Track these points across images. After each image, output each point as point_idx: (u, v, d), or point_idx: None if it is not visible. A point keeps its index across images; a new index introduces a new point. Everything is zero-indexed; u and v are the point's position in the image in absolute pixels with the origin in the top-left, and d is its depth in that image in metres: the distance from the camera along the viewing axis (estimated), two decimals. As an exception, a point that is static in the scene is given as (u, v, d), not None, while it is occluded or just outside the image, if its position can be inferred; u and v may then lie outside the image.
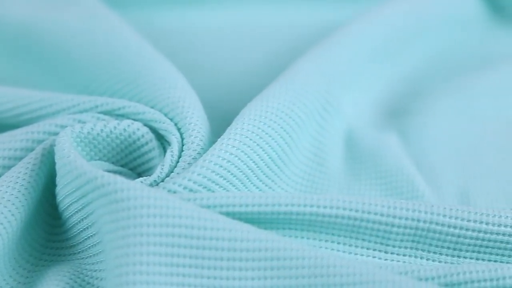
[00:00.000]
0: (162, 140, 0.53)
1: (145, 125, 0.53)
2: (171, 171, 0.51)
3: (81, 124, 0.52)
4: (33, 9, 0.65)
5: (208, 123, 0.54)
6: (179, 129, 0.52)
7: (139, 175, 0.54)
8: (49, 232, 0.52)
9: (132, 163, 0.54)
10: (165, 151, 0.53)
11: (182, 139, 0.52)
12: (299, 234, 0.49)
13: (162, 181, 0.50)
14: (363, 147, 0.59)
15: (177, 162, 0.51)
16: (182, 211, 0.45)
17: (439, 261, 0.49)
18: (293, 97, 0.55)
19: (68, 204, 0.49)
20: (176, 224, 0.44)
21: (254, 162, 0.51)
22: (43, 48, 0.62)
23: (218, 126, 0.54)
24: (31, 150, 0.52)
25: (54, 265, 0.50)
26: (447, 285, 0.46)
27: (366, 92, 0.64)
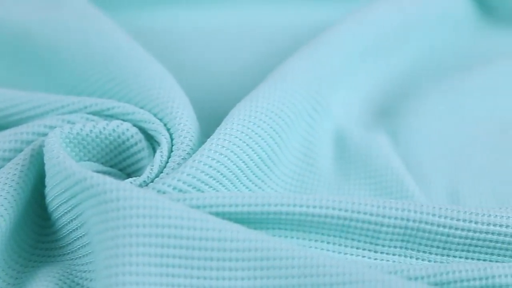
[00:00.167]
0: (151, 141, 0.53)
1: (135, 125, 0.53)
2: (161, 172, 0.50)
3: (70, 125, 0.52)
4: (23, 10, 0.65)
5: (198, 123, 0.54)
6: (168, 130, 0.52)
7: (129, 176, 0.53)
8: (39, 233, 0.51)
9: (121, 163, 0.54)
10: (154, 152, 0.53)
11: (172, 139, 0.52)
12: (289, 234, 0.49)
13: (151, 182, 0.50)
14: (353, 147, 0.59)
15: (167, 162, 0.51)
16: (171, 211, 0.45)
17: (429, 260, 0.49)
18: (283, 97, 0.55)
19: (58, 205, 0.49)
20: (165, 224, 0.44)
21: (243, 162, 0.51)
22: (32, 49, 0.62)
23: (208, 126, 0.54)
24: (20, 151, 0.52)
25: (43, 266, 0.50)
26: (436, 284, 0.46)
27: (356, 92, 0.64)
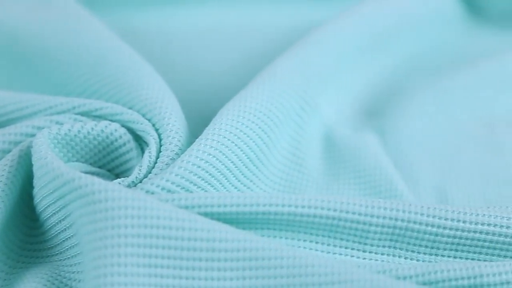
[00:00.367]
0: (140, 141, 0.53)
1: (123, 126, 0.53)
2: (149, 172, 0.50)
3: (59, 126, 0.52)
4: (12, 11, 0.64)
5: (186, 123, 0.54)
6: (157, 130, 0.52)
7: (117, 176, 0.53)
8: (27, 234, 0.51)
9: (110, 164, 0.53)
10: (143, 152, 0.53)
11: (160, 139, 0.52)
12: (278, 234, 0.49)
13: (140, 182, 0.50)
14: (341, 146, 0.59)
15: (155, 163, 0.51)
16: (160, 212, 0.45)
17: (417, 260, 0.49)
18: (271, 97, 0.55)
19: (46, 206, 0.49)
20: (154, 225, 0.44)
21: (232, 162, 0.51)
22: (21, 49, 0.62)
23: (196, 127, 0.54)
24: (8, 151, 0.52)
25: (32, 267, 0.50)
26: (425, 284, 0.46)
27: (344, 92, 0.65)
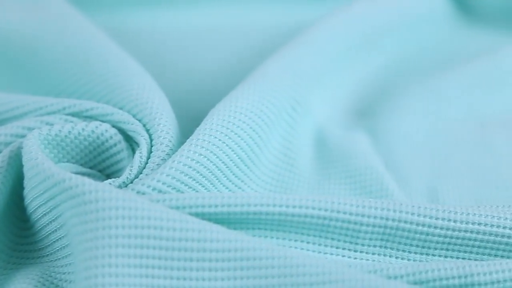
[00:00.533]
0: (130, 141, 0.53)
1: (114, 126, 0.53)
2: (140, 173, 0.50)
3: (49, 126, 0.52)
4: (2, 11, 0.64)
5: (177, 123, 0.54)
6: (147, 130, 0.52)
7: (108, 177, 0.53)
8: (18, 235, 0.51)
9: (100, 164, 0.53)
10: (133, 153, 0.53)
11: (151, 140, 0.52)
12: (269, 234, 0.49)
13: (131, 183, 0.50)
14: (333, 146, 0.59)
15: (146, 163, 0.51)
16: (151, 212, 0.44)
17: (408, 259, 0.49)
18: (262, 97, 0.55)
19: (36, 207, 0.49)
20: (145, 225, 0.44)
21: (223, 162, 0.51)
22: (12, 50, 0.62)
23: (187, 127, 0.54)
24: (-2, 152, 0.52)
25: (22, 268, 0.50)
26: (416, 283, 0.46)
27: (335, 92, 0.65)
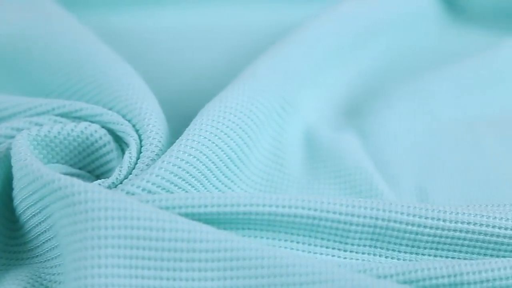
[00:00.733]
0: (120, 142, 0.53)
1: (103, 127, 0.53)
2: (129, 173, 0.50)
3: (38, 127, 0.52)
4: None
5: (166, 124, 0.54)
6: (137, 131, 0.52)
7: (97, 178, 0.53)
8: (7, 235, 0.51)
9: (90, 165, 0.53)
10: (123, 153, 0.53)
11: (140, 140, 0.52)
12: (259, 234, 0.49)
13: (120, 183, 0.50)
14: (322, 146, 0.59)
15: (135, 164, 0.51)
16: (140, 213, 0.44)
17: (398, 259, 0.49)
18: (252, 97, 0.55)
19: (25, 208, 0.49)
20: (134, 226, 0.44)
21: (213, 162, 0.51)
22: (2, 50, 0.62)
23: (177, 127, 0.54)
24: (-13, 153, 0.51)
25: (12, 269, 0.50)
26: (405, 282, 0.46)
27: (325, 92, 0.65)
